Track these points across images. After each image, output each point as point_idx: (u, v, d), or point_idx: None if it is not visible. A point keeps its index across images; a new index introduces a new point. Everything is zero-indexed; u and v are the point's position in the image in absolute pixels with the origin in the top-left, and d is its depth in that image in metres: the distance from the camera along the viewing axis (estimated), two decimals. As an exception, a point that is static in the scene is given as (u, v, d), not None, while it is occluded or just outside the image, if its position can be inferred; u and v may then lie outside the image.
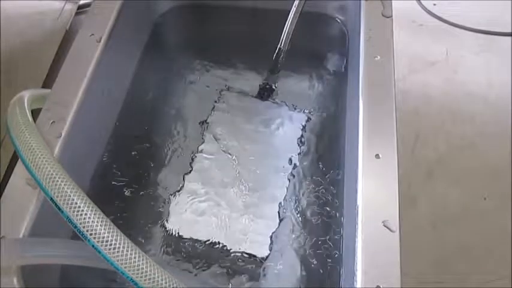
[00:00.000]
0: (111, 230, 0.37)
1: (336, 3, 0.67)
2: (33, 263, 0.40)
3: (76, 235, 0.38)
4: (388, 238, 0.40)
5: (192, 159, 0.60)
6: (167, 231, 0.55)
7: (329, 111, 0.64)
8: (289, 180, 0.58)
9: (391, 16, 0.55)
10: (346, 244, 0.49)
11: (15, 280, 0.40)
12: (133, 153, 0.61)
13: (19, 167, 0.44)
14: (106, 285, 0.51)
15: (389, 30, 0.54)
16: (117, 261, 0.37)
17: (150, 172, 0.60)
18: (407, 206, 0.71)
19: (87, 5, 0.74)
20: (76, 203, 0.38)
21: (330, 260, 0.51)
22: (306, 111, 0.64)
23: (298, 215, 0.56)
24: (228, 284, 0.51)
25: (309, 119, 0.63)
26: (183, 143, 0.62)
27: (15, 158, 0.44)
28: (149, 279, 0.37)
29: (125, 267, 0.37)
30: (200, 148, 0.61)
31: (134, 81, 0.64)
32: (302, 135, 0.62)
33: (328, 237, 0.53)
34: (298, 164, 0.59)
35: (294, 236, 0.54)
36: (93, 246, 0.37)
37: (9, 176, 0.44)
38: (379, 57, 0.51)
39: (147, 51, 0.67)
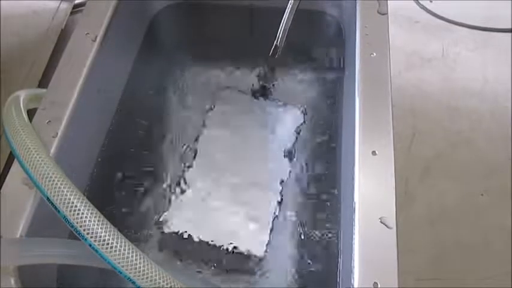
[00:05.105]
0: (108, 229, 0.37)
1: (332, 0, 0.67)
2: (30, 263, 0.40)
3: (73, 235, 0.38)
4: (385, 235, 0.40)
5: (190, 158, 0.60)
6: (165, 230, 0.55)
7: (325, 108, 0.64)
8: (285, 177, 0.58)
9: (387, 13, 0.55)
10: (343, 241, 0.49)
11: (12, 281, 0.40)
12: (130, 152, 0.60)
13: (15, 167, 0.44)
14: (103, 285, 0.51)
15: (385, 27, 0.54)
16: (115, 260, 0.37)
17: (147, 171, 0.60)
18: (405, 203, 0.71)
19: (83, 4, 0.73)
20: (73, 203, 0.38)
21: (327, 257, 0.52)
22: (303, 108, 0.64)
23: (295, 212, 0.56)
24: (225, 283, 0.51)
25: (305, 116, 0.63)
26: (180, 142, 0.62)
27: (11, 158, 0.44)
28: (147, 278, 0.37)
29: (123, 266, 0.37)
30: (197, 147, 0.61)
31: (130, 80, 0.64)
32: (298, 133, 0.62)
33: (325, 234, 0.53)
34: (294, 161, 0.59)
35: (291, 233, 0.54)
36: (90, 245, 0.37)
37: (6, 176, 0.44)
38: (375, 54, 0.51)
39: (142, 49, 0.67)
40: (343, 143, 0.55)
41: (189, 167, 0.59)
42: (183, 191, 0.57)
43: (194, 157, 0.60)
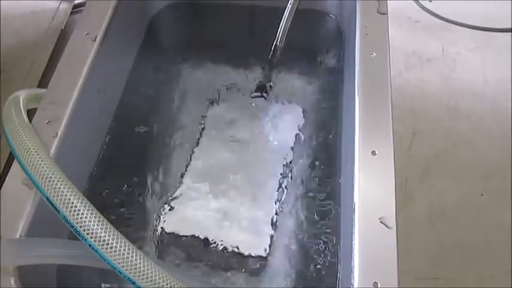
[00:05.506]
0: (108, 230, 0.37)
1: (331, 0, 0.67)
2: (30, 263, 0.40)
3: (73, 235, 0.38)
4: (385, 235, 0.40)
5: (190, 158, 0.60)
6: (165, 230, 0.55)
7: (325, 108, 0.64)
8: (285, 177, 0.58)
9: (387, 13, 0.55)
10: (343, 241, 0.49)
11: (12, 281, 0.40)
12: (130, 152, 0.60)
13: (15, 167, 0.44)
14: (103, 285, 0.51)
15: (385, 27, 0.54)
16: (115, 260, 0.37)
17: (147, 171, 0.60)
18: (405, 203, 0.71)
19: (82, 4, 0.73)
20: (73, 203, 0.38)
21: (327, 257, 0.52)
22: (302, 108, 0.64)
23: (296, 213, 0.56)
24: (225, 283, 0.51)
25: (305, 116, 0.63)
26: (180, 142, 0.62)
27: (11, 158, 0.44)
28: (147, 278, 0.37)
29: (123, 267, 0.37)
30: (197, 146, 0.61)
31: (130, 80, 0.64)
32: (298, 133, 0.62)
33: (325, 234, 0.53)
34: (294, 161, 0.59)
35: (291, 233, 0.54)
36: (90, 245, 0.37)
37: (6, 176, 0.44)
38: (375, 54, 0.51)
39: (142, 49, 0.67)
40: (343, 143, 0.55)
41: (189, 167, 0.59)
42: (183, 191, 0.57)
43: (194, 157, 0.60)
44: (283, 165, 0.59)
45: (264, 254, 0.53)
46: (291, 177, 0.58)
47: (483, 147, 0.77)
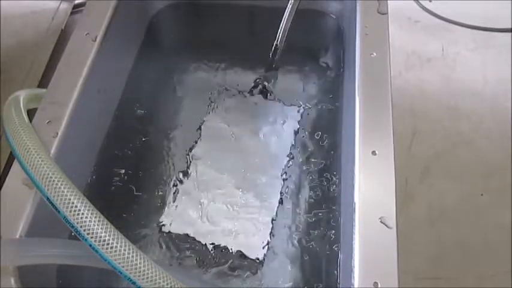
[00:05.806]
0: (108, 230, 0.37)
1: (331, 0, 0.67)
2: (30, 263, 0.40)
3: (73, 235, 0.38)
4: (385, 235, 0.40)
5: (189, 158, 0.60)
6: (165, 230, 0.55)
7: (325, 108, 0.64)
8: (285, 178, 0.58)
9: (387, 13, 0.55)
10: (343, 241, 0.49)
11: (12, 281, 0.40)
12: (129, 152, 0.60)
13: (15, 167, 0.44)
14: (103, 285, 0.51)
15: (385, 27, 0.54)
16: (115, 260, 0.37)
17: (147, 171, 0.60)
18: (405, 203, 0.71)
19: (83, 4, 0.74)
20: (73, 203, 0.38)
21: (327, 258, 0.52)
22: (302, 108, 0.64)
23: (295, 213, 0.56)
24: (225, 283, 0.51)
25: (305, 116, 0.63)
26: (180, 142, 0.62)
27: (11, 158, 0.44)
28: (147, 278, 0.37)
29: (123, 267, 0.37)
30: (196, 147, 0.61)
31: (130, 80, 0.64)
32: (298, 133, 0.62)
33: (325, 234, 0.53)
34: (294, 161, 0.59)
35: (290, 234, 0.54)
36: (90, 245, 0.37)
37: (6, 176, 0.44)
38: (375, 54, 0.51)
39: (142, 49, 0.67)
40: (343, 143, 0.55)
41: (188, 167, 0.59)
42: (182, 192, 0.57)
43: (193, 157, 0.60)
44: (283, 166, 0.59)
45: (262, 255, 0.52)
46: (291, 178, 0.58)
47: (483, 147, 0.77)
